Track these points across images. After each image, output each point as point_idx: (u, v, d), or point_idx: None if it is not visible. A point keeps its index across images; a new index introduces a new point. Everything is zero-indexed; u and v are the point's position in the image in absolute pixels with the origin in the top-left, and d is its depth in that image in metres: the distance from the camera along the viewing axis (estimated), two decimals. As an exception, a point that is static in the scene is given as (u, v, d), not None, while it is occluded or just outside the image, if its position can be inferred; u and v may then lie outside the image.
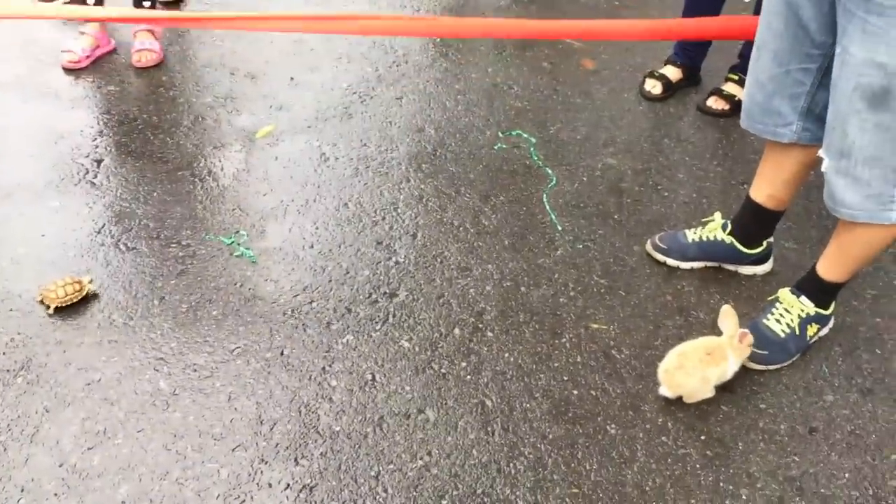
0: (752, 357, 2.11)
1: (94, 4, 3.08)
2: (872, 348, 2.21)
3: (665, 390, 2.04)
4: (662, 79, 3.24)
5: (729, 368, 2.03)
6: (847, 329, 2.26)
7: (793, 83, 1.98)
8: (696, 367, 2.01)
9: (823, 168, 1.91)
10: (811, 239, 2.57)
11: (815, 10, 1.85)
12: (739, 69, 3.22)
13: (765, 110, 2.06)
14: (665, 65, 3.29)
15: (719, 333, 2.08)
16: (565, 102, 3.17)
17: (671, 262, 2.42)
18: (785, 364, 2.14)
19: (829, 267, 2.10)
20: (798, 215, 2.66)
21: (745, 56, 3.23)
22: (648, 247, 2.46)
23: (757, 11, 3.05)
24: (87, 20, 3.02)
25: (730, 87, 3.18)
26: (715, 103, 3.16)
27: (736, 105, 3.15)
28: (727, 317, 2.07)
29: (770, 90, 2.02)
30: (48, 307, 2.13)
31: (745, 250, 2.36)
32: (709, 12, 2.95)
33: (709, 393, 2.04)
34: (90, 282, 2.19)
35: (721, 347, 2.04)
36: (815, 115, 2.01)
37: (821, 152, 1.92)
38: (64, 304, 2.13)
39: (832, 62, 1.86)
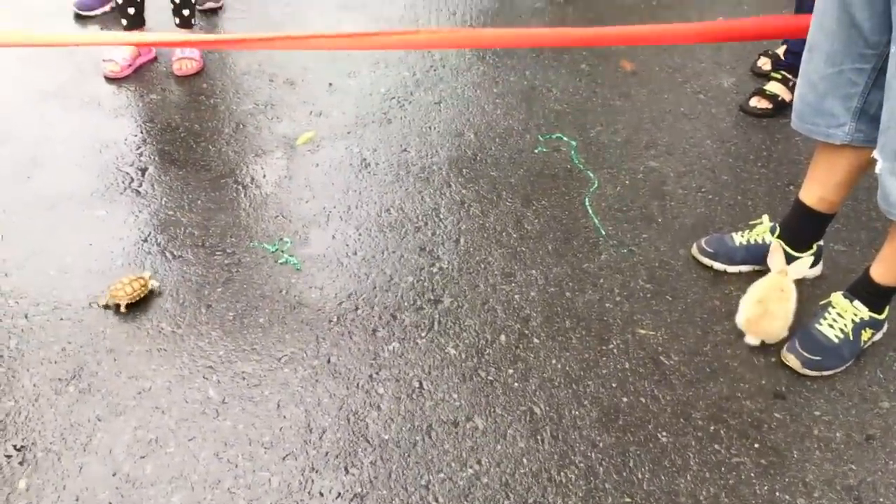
0: (806, 363, 2.08)
1: (129, 26, 3.10)
2: (928, 353, 2.17)
3: (751, 339, 2.16)
4: (774, 56, 3.29)
5: (795, 297, 2.17)
6: (901, 333, 2.22)
7: (846, 83, 1.94)
8: (779, 308, 2.13)
9: (878, 169, 1.87)
10: (861, 241, 2.53)
11: (869, 9, 1.82)
12: (783, 67, 3.18)
13: (817, 111, 2.02)
14: (782, 43, 3.30)
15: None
16: (605, 104, 3.14)
17: (718, 266, 2.39)
18: (839, 370, 2.10)
19: (884, 271, 2.05)
20: (847, 217, 2.61)
21: (788, 54, 3.19)
22: (695, 251, 2.43)
23: (798, 10, 3.02)
24: (125, 45, 3.04)
25: (773, 87, 3.14)
26: (758, 103, 3.12)
27: (779, 104, 3.11)
28: (776, 251, 2.21)
29: (822, 90, 1.98)
30: (118, 306, 2.16)
31: (794, 253, 2.32)
32: None
33: (786, 332, 2.15)
34: (151, 277, 2.23)
35: (784, 281, 2.17)
36: (869, 116, 1.97)
37: (875, 153, 1.88)
38: (133, 301, 2.16)
39: (886, 62, 1.82)
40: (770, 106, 3.11)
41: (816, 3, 1.95)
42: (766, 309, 2.16)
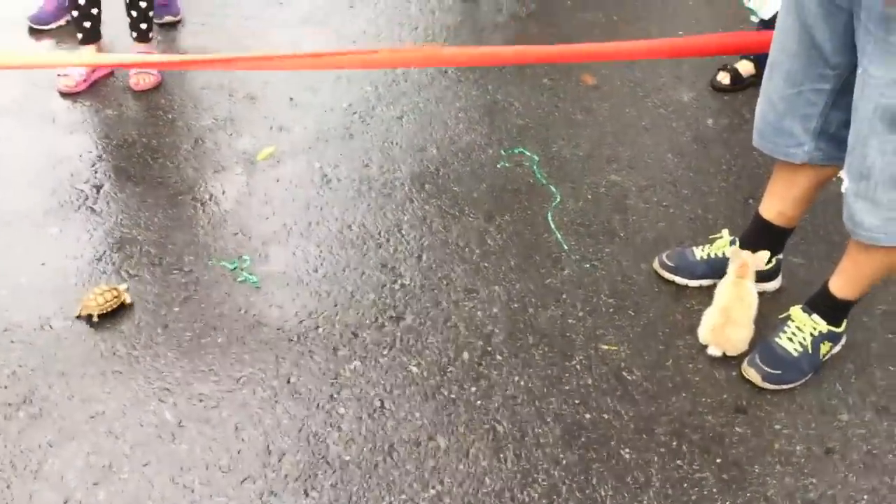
0: (766, 377, 2.09)
1: (85, 40, 3.04)
2: (885, 365, 2.19)
3: (713, 350, 2.16)
4: (733, 71, 3.33)
5: (756, 302, 2.20)
6: (859, 346, 2.24)
7: (805, 104, 1.95)
8: (741, 316, 2.16)
9: (843, 189, 1.88)
10: (819, 254, 2.55)
11: (829, 30, 1.83)
12: None
13: (777, 130, 2.04)
14: (741, 58, 3.38)
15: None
16: (567, 119, 3.15)
17: (679, 280, 2.40)
18: (798, 383, 2.11)
19: (842, 285, 2.07)
20: (805, 230, 2.64)
21: None
22: (656, 265, 2.44)
23: (763, 27, 3.07)
24: (83, 66, 2.99)
25: (741, 65, 3.31)
26: (723, 78, 3.30)
27: (741, 81, 3.29)
28: (735, 254, 2.23)
29: (782, 110, 2.00)
30: (90, 317, 2.13)
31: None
32: None
33: (747, 345, 2.17)
34: (126, 290, 2.20)
35: (742, 285, 2.19)
36: (828, 136, 1.99)
37: (842, 173, 1.89)
38: (104, 312, 2.13)
39: (845, 83, 1.84)
40: (729, 81, 3.32)
41: (778, 22, 1.97)
42: (728, 317, 2.18)
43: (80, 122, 2.94)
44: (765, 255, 2.26)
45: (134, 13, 3.07)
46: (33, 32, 3.46)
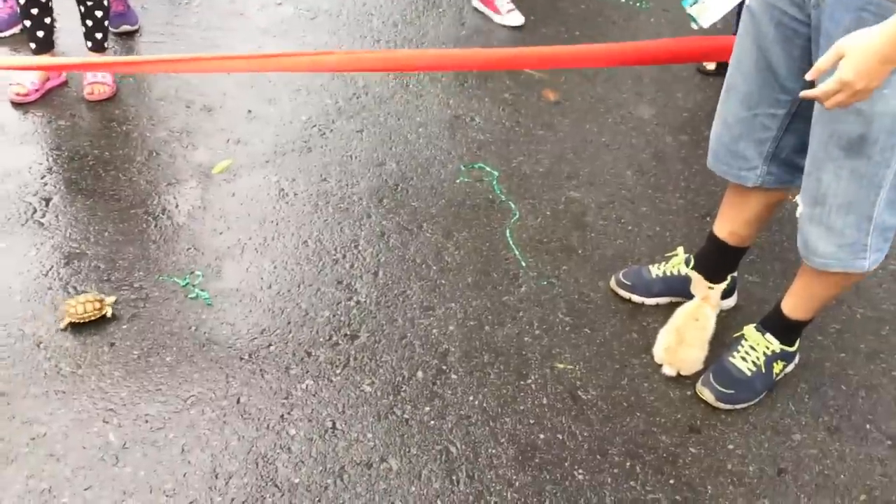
0: (720, 397, 2.09)
1: (38, 49, 2.98)
2: (838, 384, 2.21)
3: (668, 369, 2.16)
4: None
5: (712, 325, 2.21)
6: (812, 365, 2.25)
7: (759, 128, 1.96)
8: (695, 337, 2.16)
9: (798, 214, 1.88)
10: (774, 272, 2.57)
11: (785, 55, 1.83)
12: None
13: (730, 152, 2.05)
14: None
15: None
16: (528, 134, 3.15)
17: (636, 298, 2.40)
18: (752, 403, 2.11)
19: (794, 306, 2.08)
20: (760, 248, 2.65)
21: None
22: (613, 283, 2.44)
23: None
24: (34, 69, 2.92)
25: None
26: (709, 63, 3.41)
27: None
28: (698, 283, 2.24)
29: (736, 133, 2.00)
30: (61, 320, 2.11)
31: (708, 285, 2.34)
32: None
33: (702, 365, 2.17)
34: (114, 303, 2.17)
35: (700, 308, 2.21)
36: (780, 160, 2.00)
37: (798, 198, 1.89)
38: (79, 322, 2.10)
39: (800, 108, 1.85)
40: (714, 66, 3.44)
41: (735, 44, 1.97)
42: (682, 337, 2.18)
43: (31, 133, 2.87)
44: (721, 287, 2.27)
45: (89, 22, 3.01)
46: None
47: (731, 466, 1.96)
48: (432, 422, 2.01)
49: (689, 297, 2.37)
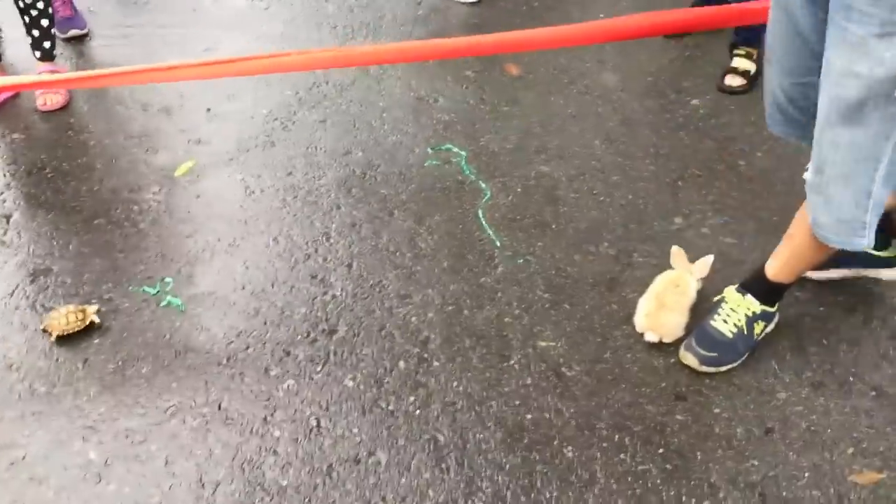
0: (703, 360, 2.09)
1: None
2: (819, 339, 2.21)
3: (650, 335, 2.15)
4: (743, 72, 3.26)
5: (693, 293, 2.22)
6: (792, 322, 2.25)
7: (801, 95, 1.88)
8: (675, 302, 2.17)
9: (804, 177, 1.83)
10: (748, 232, 2.56)
11: (812, 19, 1.74)
12: (741, 43, 3.26)
13: (784, 117, 1.97)
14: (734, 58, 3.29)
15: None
16: (493, 111, 3.11)
17: (815, 275, 2.29)
18: (735, 364, 2.11)
19: (779, 269, 2.06)
20: (735, 209, 2.65)
21: (741, 30, 3.26)
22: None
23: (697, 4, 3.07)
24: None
25: (740, 63, 3.25)
26: (733, 81, 3.22)
27: (751, 79, 3.22)
28: (678, 256, 2.26)
29: (782, 100, 1.93)
30: (50, 335, 2.07)
31: (878, 254, 2.28)
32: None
33: (683, 331, 2.16)
34: (97, 311, 2.14)
35: (682, 276, 2.23)
36: None
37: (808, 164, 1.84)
38: (66, 333, 2.08)
39: None
40: (744, 82, 3.22)
41: (770, 11, 1.86)
42: (662, 302, 2.18)
43: (-15, 149, 2.80)
44: (709, 258, 2.25)
45: (35, 32, 2.94)
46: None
47: (719, 430, 1.96)
48: (418, 411, 1.99)
49: (863, 267, 2.30)
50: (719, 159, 2.88)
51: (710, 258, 2.26)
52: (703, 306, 2.26)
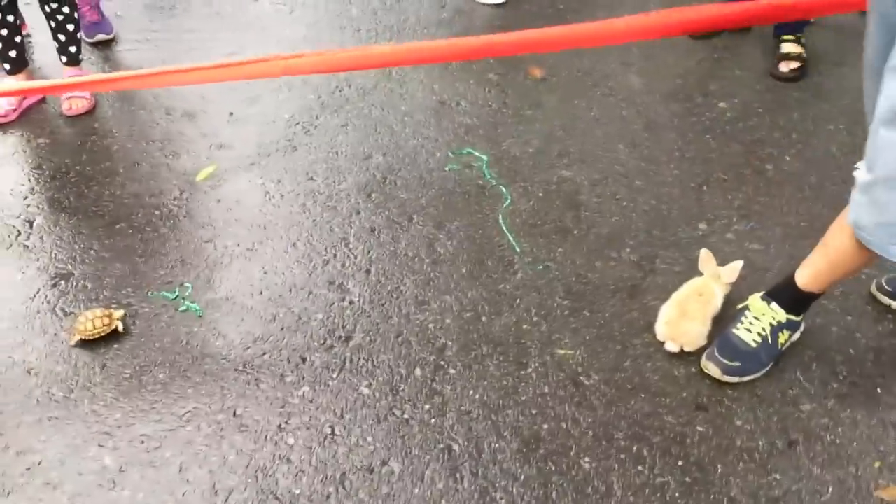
0: (726, 370, 2.04)
1: (12, 70, 2.94)
2: (846, 349, 2.15)
3: (670, 345, 2.12)
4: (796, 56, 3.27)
5: (718, 303, 2.18)
6: (818, 331, 2.19)
7: None
8: (697, 310, 2.13)
9: (854, 175, 1.76)
10: (776, 238, 2.51)
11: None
12: (787, 31, 3.27)
13: None
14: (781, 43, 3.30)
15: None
16: (516, 115, 3.08)
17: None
18: (758, 375, 2.06)
19: (811, 279, 1.99)
20: (761, 214, 2.59)
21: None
22: (874, 288, 2.27)
23: None
24: (6, 94, 2.87)
25: (791, 48, 3.25)
26: (787, 67, 3.22)
27: (804, 62, 3.24)
28: (707, 259, 2.22)
29: None
30: (74, 338, 2.11)
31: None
32: None
33: (705, 340, 2.11)
34: (122, 317, 2.16)
35: (707, 285, 2.18)
36: None
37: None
38: (90, 338, 2.09)
39: None
40: (799, 65, 3.23)
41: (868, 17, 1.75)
42: (683, 310, 2.14)
43: (10, 154, 2.83)
44: (738, 264, 2.20)
45: (62, 37, 2.97)
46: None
47: (741, 443, 1.92)
48: (433, 420, 1.97)
49: None
50: (746, 163, 2.82)
51: (738, 263, 2.21)
52: (730, 314, 2.22)
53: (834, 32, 3.50)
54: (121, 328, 2.15)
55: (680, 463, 1.88)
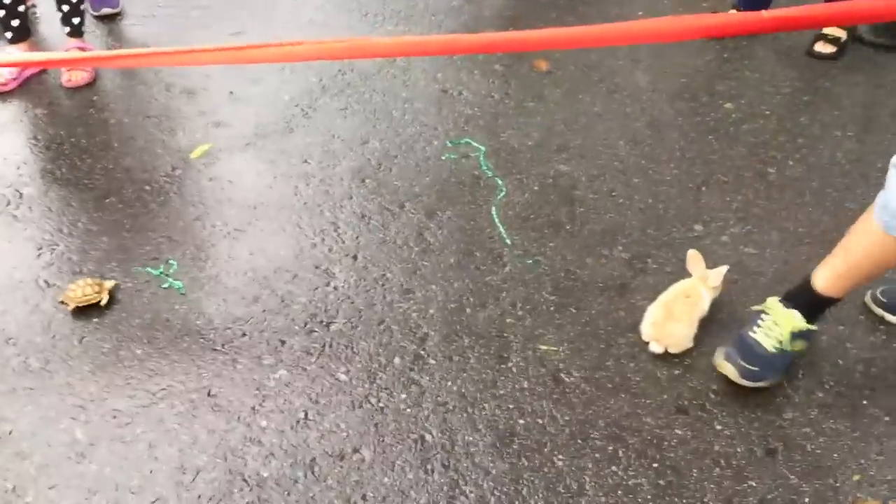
0: (744, 373, 1.95)
1: (15, 38, 2.93)
2: (834, 358, 2.11)
3: (655, 346, 2.09)
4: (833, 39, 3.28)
5: (706, 305, 2.14)
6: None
7: None
8: (683, 312, 2.09)
9: (892, 163, 1.71)
10: (772, 243, 2.46)
11: None
12: None
13: None
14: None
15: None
16: (518, 107, 3.05)
17: (891, 318, 2.19)
18: (773, 382, 2.00)
19: (832, 282, 1.92)
20: (758, 218, 2.55)
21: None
22: (868, 299, 2.21)
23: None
24: (10, 65, 2.86)
25: (830, 29, 3.27)
26: (823, 48, 3.26)
27: (842, 46, 3.26)
28: (695, 260, 2.17)
29: None
30: (67, 306, 2.11)
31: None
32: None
33: (691, 342, 2.09)
34: (114, 286, 2.17)
35: (694, 287, 2.15)
36: None
37: None
38: (82, 305, 2.11)
39: None
40: (835, 49, 3.25)
41: None
42: (670, 312, 2.11)
43: (9, 123, 2.83)
44: (723, 269, 2.16)
45: (65, 7, 2.96)
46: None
47: (719, 448, 1.88)
48: (408, 409, 1.95)
49: None
50: (748, 166, 2.78)
51: (723, 269, 2.17)
52: (717, 317, 2.19)
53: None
54: (105, 300, 2.13)
55: (655, 465, 1.85)
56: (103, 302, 2.13)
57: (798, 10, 1.90)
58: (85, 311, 2.13)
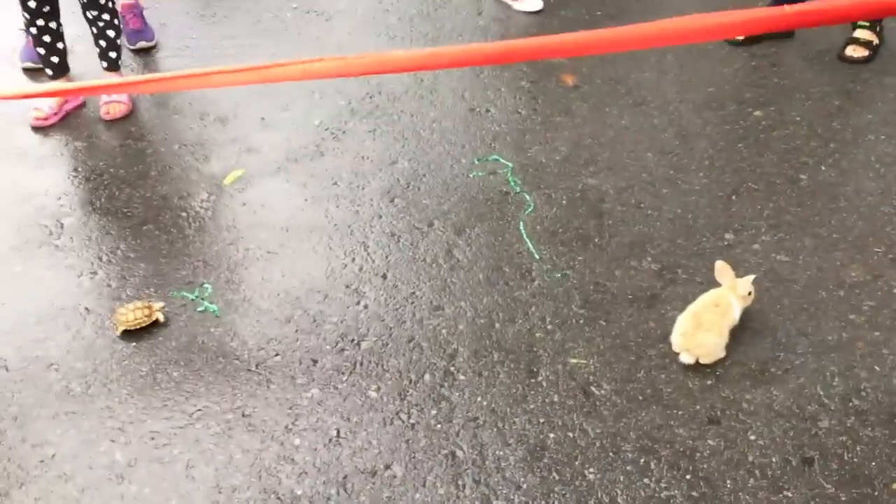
0: None
1: (55, 75, 3.04)
2: (871, 366, 2.08)
3: (685, 356, 2.08)
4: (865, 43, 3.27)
5: (736, 314, 2.12)
6: (844, 345, 2.13)
7: None
8: (713, 322, 2.08)
9: None
10: (805, 249, 2.44)
11: None
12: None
13: None
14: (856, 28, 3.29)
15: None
16: (545, 122, 3.07)
17: None
18: None
19: None
20: (791, 225, 2.53)
21: None
22: None
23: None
24: (51, 95, 2.96)
25: (862, 34, 3.26)
26: (854, 52, 3.25)
27: (874, 49, 3.25)
28: (724, 270, 2.15)
29: None
30: (116, 328, 2.19)
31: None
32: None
33: (722, 352, 2.08)
34: (161, 308, 2.23)
35: (724, 296, 2.13)
36: None
37: None
38: (132, 329, 2.17)
39: None
40: (868, 53, 3.24)
41: None
42: (699, 322, 2.09)
43: (50, 156, 2.93)
44: (750, 277, 2.16)
45: (102, 43, 3.06)
46: (24, 71, 3.42)
47: (753, 458, 1.86)
48: (438, 425, 1.96)
49: None
50: (779, 173, 2.75)
51: (749, 277, 2.15)
52: (749, 325, 2.17)
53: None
54: (161, 319, 2.21)
55: (688, 477, 1.83)
56: (161, 319, 2.21)
57: (821, 4, 1.89)
58: (128, 335, 2.19)
